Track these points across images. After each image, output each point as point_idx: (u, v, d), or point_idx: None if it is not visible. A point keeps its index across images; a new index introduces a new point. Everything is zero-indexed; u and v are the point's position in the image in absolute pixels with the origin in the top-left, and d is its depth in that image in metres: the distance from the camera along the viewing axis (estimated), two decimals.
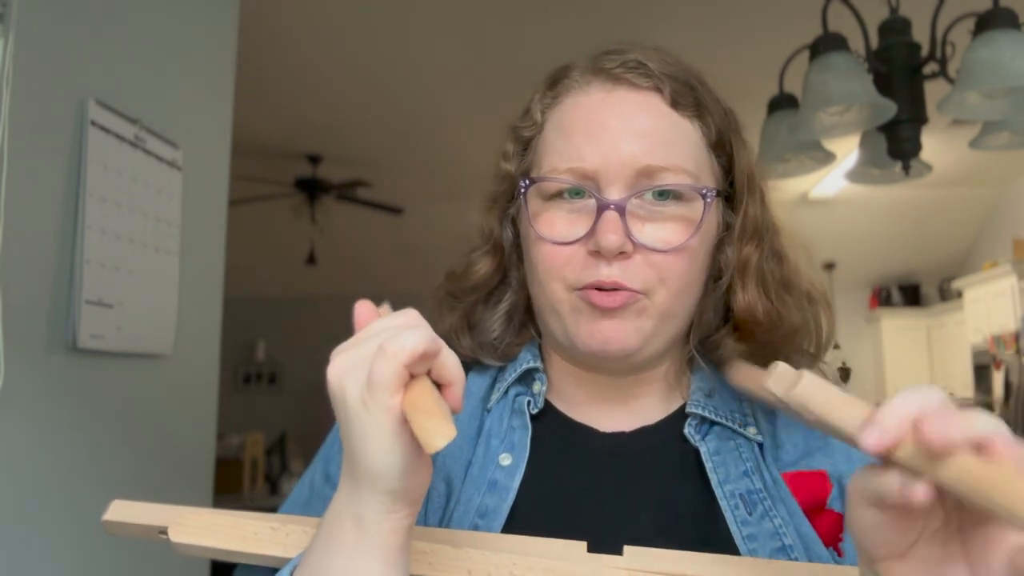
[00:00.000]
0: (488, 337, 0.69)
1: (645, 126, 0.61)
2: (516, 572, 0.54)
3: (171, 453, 1.77)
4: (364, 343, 0.46)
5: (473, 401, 0.68)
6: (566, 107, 0.65)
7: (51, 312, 1.40)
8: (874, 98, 1.65)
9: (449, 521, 0.61)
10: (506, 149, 0.70)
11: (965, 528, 0.40)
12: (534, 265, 0.63)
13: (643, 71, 0.63)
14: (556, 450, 0.64)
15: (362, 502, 0.46)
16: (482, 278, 0.70)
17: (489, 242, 0.71)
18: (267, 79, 3.44)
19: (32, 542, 1.36)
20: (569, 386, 0.68)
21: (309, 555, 0.49)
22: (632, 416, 0.66)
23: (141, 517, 0.61)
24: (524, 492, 0.61)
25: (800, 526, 0.59)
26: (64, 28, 1.45)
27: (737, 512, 0.59)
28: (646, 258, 0.60)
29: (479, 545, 0.56)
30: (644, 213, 0.60)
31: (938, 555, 0.41)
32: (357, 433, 0.45)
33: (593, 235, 0.59)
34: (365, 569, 0.46)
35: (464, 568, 0.54)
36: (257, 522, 0.59)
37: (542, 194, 0.63)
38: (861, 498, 0.41)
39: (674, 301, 0.61)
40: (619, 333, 0.60)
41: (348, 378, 0.45)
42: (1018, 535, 0.38)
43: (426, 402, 0.43)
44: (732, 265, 0.65)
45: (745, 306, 0.64)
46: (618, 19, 3.02)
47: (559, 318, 0.62)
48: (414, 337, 0.43)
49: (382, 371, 0.43)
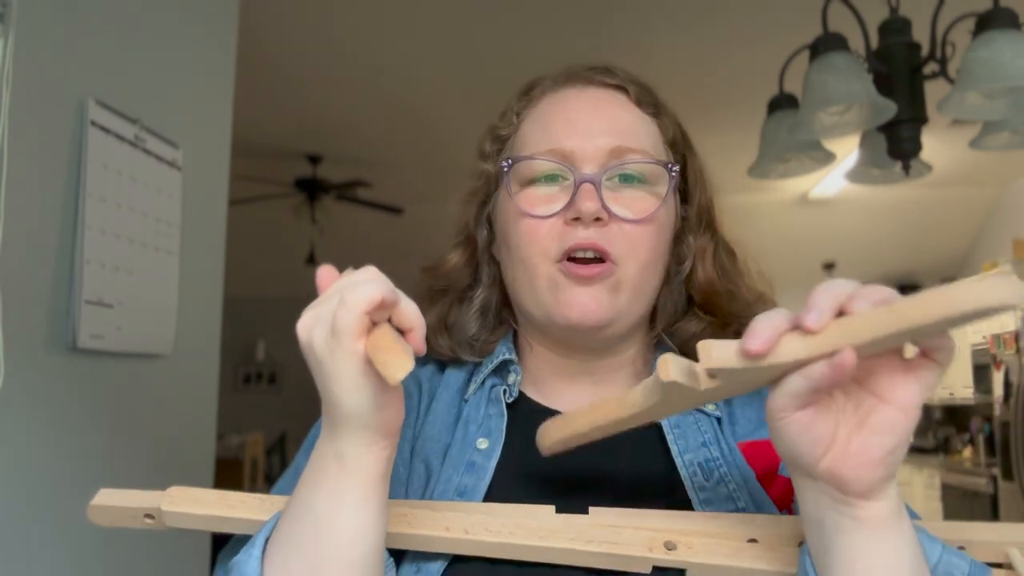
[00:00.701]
0: (465, 335, 0.74)
1: (614, 115, 0.70)
2: (490, 528, 0.58)
3: (171, 453, 1.77)
4: (328, 299, 0.50)
5: (451, 392, 0.73)
6: (542, 105, 0.73)
7: (51, 312, 1.40)
8: (874, 98, 1.65)
9: (430, 499, 0.65)
10: (484, 148, 0.76)
11: (863, 381, 0.47)
12: (516, 242, 0.68)
13: (610, 74, 0.72)
14: (530, 434, 0.67)
15: (341, 439, 0.51)
16: (453, 268, 0.76)
17: (462, 234, 0.77)
18: (267, 79, 3.44)
19: (32, 542, 1.36)
20: (543, 374, 0.73)
21: (294, 498, 0.54)
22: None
23: (127, 502, 0.63)
24: (500, 472, 0.66)
25: (753, 491, 0.64)
26: (64, 28, 1.45)
27: (695, 479, 0.64)
28: (619, 227, 0.66)
29: (455, 510, 0.60)
30: (616, 191, 0.67)
31: (858, 420, 0.47)
32: (328, 378, 0.49)
33: (572, 205, 0.65)
34: (348, 497, 0.51)
35: (441, 526, 0.58)
36: (243, 494, 0.62)
37: (521, 179, 0.69)
38: (786, 410, 0.47)
39: (643, 273, 0.67)
40: (595, 303, 0.65)
41: (315, 330, 0.49)
42: (905, 357, 0.46)
43: (386, 341, 0.47)
44: (692, 251, 0.72)
45: (705, 281, 0.71)
46: (618, 20, 3.02)
47: (537, 293, 0.68)
48: (372, 287, 0.47)
49: (344, 319, 0.47)
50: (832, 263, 6.37)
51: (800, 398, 0.46)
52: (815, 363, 0.45)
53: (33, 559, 1.36)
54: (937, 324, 0.43)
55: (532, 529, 0.58)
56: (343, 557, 0.51)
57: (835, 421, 0.47)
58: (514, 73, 2.91)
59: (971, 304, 0.42)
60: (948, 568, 0.53)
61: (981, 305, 0.42)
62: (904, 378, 0.46)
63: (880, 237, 5.93)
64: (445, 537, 0.58)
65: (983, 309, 0.42)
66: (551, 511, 0.60)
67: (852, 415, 0.47)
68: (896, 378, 0.46)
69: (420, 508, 0.60)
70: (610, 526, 0.59)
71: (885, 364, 0.47)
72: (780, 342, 0.45)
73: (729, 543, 0.58)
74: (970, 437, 5.61)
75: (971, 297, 0.42)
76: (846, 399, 0.48)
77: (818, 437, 0.47)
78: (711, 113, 3.85)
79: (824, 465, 0.47)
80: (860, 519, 0.48)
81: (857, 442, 0.47)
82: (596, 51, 3.25)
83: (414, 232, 5.21)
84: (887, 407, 0.46)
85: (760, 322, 0.45)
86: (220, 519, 0.60)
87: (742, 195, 5.12)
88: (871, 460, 0.46)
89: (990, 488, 4.72)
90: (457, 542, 0.58)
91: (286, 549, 0.53)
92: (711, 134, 4.21)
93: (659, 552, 0.57)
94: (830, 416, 0.47)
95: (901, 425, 0.46)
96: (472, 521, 0.59)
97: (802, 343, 0.45)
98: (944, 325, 0.43)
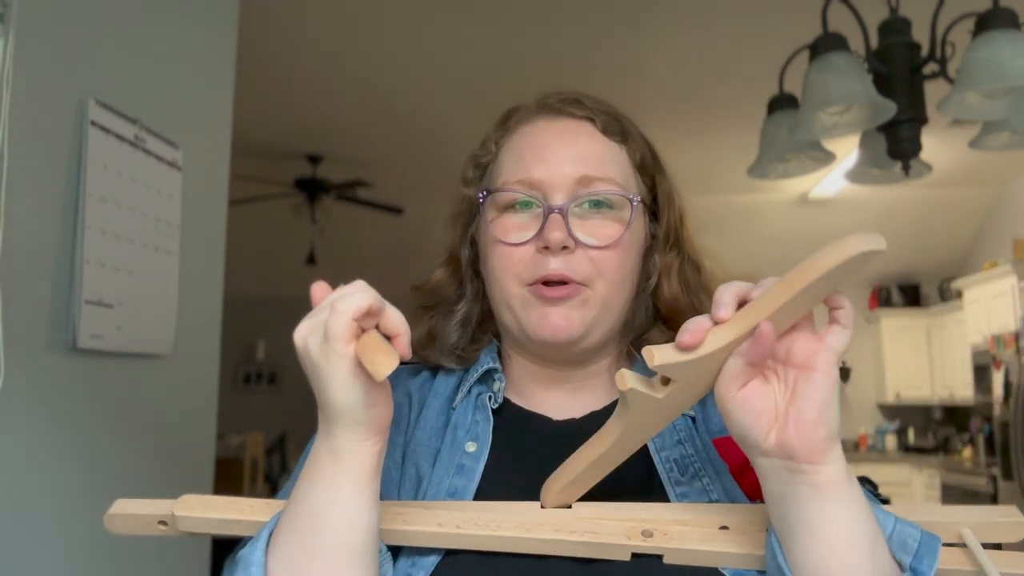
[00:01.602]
0: (447, 344, 0.79)
1: (582, 146, 0.75)
2: (479, 522, 0.62)
3: (171, 453, 1.77)
4: (322, 310, 0.55)
5: (441, 399, 0.78)
6: (517, 135, 0.78)
7: (51, 312, 1.40)
8: (874, 98, 1.65)
9: (423, 500, 0.70)
10: (466, 175, 0.82)
11: (786, 359, 0.55)
12: (492, 266, 0.74)
13: (579, 105, 0.77)
14: (515, 437, 0.74)
15: (335, 437, 0.56)
16: (437, 285, 0.82)
17: (447, 253, 0.83)
18: (267, 79, 3.44)
19: (32, 542, 1.36)
20: (525, 381, 0.78)
21: (295, 494, 0.59)
22: (582, 405, 0.76)
23: (142, 510, 0.67)
24: (488, 474, 0.70)
25: (726, 483, 0.69)
26: (64, 28, 1.45)
27: (671, 474, 0.70)
28: (586, 253, 0.71)
29: (446, 508, 0.65)
30: (583, 218, 0.72)
31: (789, 391, 0.55)
32: (322, 380, 0.55)
33: (541, 234, 0.70)
34: (343, 488, 0.56)
35: (434, 522, 0.63)
36: (252, 500, 0.67)
37: (497, 206, 0.75)
38: (729, 389, 0.55)
39: (612, 292, 0.72)
40: (565, 320, 0.71)
41: (310, 338, 0.55)
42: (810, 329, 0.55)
43: (372, 344, 0.52)
44: (658, 268, 0.78)
45: (670, 297, 0.77)
46: (617, 21, 3.02)
47: (512, 311, 0.73)
48: (360, 297, 0.53)
49: (334, 325, 0.53)
50: None
51: (738, 377, 0.55)
52: (742, 343, 0.53)
53: (33, 558, 1.36)
54: (820, 281, 0.51)
55: (519, 523, 0.63)
56: (339, 542, 0.56)
57: (772, 396, 0.55)
58: (513, 73, 2.93)
59: (839, 257, 0.50)
60: (902, 536, 0.58)
61: (846, 256, 0.50)
62: (816, 344, 0.54)
63: None
64: (438, 532, 0.62)
65: (849, 259, 0.50)
66: (536, 507, 0.65)
67: (785, 391, 0.55)
68: (810, 346, 0.54)
69: (414, 507, 0.65)
70: (592, 518, 0.64)
71: (799, 338, 0.55)
72: (707, 335, 0.54)
73: (702, 530, 0.63)
74: (970, 437, 5.62)
75: (838, 252, 0.50)
76: (777, 379, 0.56)
77: (760, 410, 0.55)
78: (711, 113, 3.85)
79: (772, 439, 0.54)
80: (814, 484, 0.54)
81: (793, 410, 0.54)
82: (597, 52, 3.25)
83: (414, 232, 5.20)
84: (808, 371, 0.54)
85: (689, 322, 0.55)
86: (230, 522, 0.65)
87: (742, 195, 5.12)
88: (809, 421, 0.53)
89: (990, 488, 4.73)
90: (449, 536, 0.62)
91: (287, 539, 0.57)
92: (711, 134, 4.22)
93: (637, 540, 0.62)
94: (768, 392, 0.55)
95: (823, 383, 0.53)
96: (463, 517, 0.63)
97: (725, 331, 0.54)
98: (827, 282, 0.51)
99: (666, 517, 0.64)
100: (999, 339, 4.79)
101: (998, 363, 4.77)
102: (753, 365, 0.54)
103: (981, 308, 5.18)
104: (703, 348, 0.53)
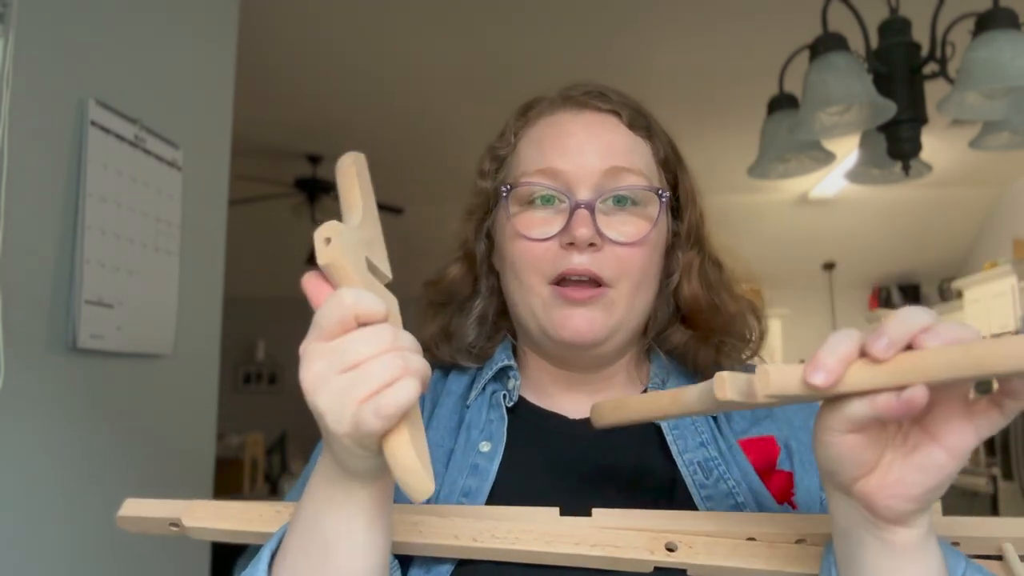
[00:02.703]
0: (464, 342, 0.77)
1: (607, 138, 0.72)
2: (497, 534, 0.60)
3: (171, 453, 1.77)
4: (347, 373, 0.45)
5: (453, 398, 0.75)
6: (538, 126, 0.75)
7: (51, 312, 1.40)
8: (874, 98, 1.65)
9: (435, 502, 0.67)
10: (483, 167, 0.78)
11: (919, 416, 0.45)
12: (512, 262, 0.71)
13: (604, 98, 0.74)
14: (531, 436, 0.71)
15: (349, 479, 0.50)
16: (452, 282, 0.79)
17: (462, 249, 0.79)
18: (267, 79, 3.43)
19: (32, 541, 1.36)
20: (541, 380, 0.76)
21: (301, 513, 0.53)
22: None
23: (154, 511, 0.66)
24: (503, 474, 0.68)
25: (752, 484, 0.66)
26: (64, 28, 1.45)
27: (696, 477, 0.67)
28: (613, 251, 0.68)
29: (462, 515, 0.63)
30: (608, 214, 0.69)
31: (904, 452, 0.46)
32: (336, 450, 0.48)
33: (567, 230, 0.68)
34: (357, 519, 0.51)
35: (451, 534, 0.60)
36: (264, 507, 0.65)
37: (519, 200, 0.72)
38: (839, 431, 0.45)
39: (636, 292, 0.70)
40: (588, 322, 0.68)
41: (330, 414, 0.45)
42: (962, 398, 0.45)
43: (406, 458, 0.44)
44: (680, 266, 0.75)
45: (690, 296, 0.74)
46: (619, 23, 3.02)
47: (533, 311, 0.70)
48: (407, 393, 0.43)
49: (370, 427, 0.44)
50: (832, 263, 6.37)
51: (858, 424, 0.45)
52: (882, 393, 0.43)
53: (33, 558, 1.36)
54: (1012, 373, 0.41)
55: (537, 534, 0.60)
56: (353, 570, 0.52)
57: (882, 450, 0.46)
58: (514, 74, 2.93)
59: None
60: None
61: None
62: (961, 423, 0.45)
63: (880, 237, 5.93)
64: (455, 545, 0.60)
65: None
66: (555, 513, 0.62)
67: (899, 445, 0.46)
68: (954, 421, 0.45)
69: (428, 515, 0.62)
70: (613, 528, 0.61)
71: (944, 403, 0.45)
72: (846, 370, 0.43)
73: (728, 541, 0.59)
74: None
75: None
76: (897, 431, 0.47)
77: (862, 461, 0.46)
78: (711, 113, 3.84)
79: (859, 487, 0.47)
80: (887, 542, 0.48)
81: (897, 473, 0.46)
82: (596, 52, 3.25)
83: (414, 232, 5.21)
84: (936, 447, 0.45)
85: (826, 352, 0.43)
86: (240, 533, 0.63)
87: (742, 195, 5.12)
88: (907, 495, 0.46)
89: (990, 488, 4.72)
90: (466, 549, 0.60)
91: (296, 562, 0.53)
92: (711, 134, 4.22)
93: (660, 554, 0.59)
94: (880, 444, 0.46)
95: (947, 468, 0.45)
96: (479, 528, 0.61)
97: (870, 373, 0.43)
98: (1020, 375, 0.41)
99: (691, 527, 0.61)
100: None
101: None
102: (880, 421, 0.45)
103: (981, 308, 5.18)
104: (836, 387, 0.44)
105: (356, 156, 0.57)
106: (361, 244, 0.52)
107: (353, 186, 0.55)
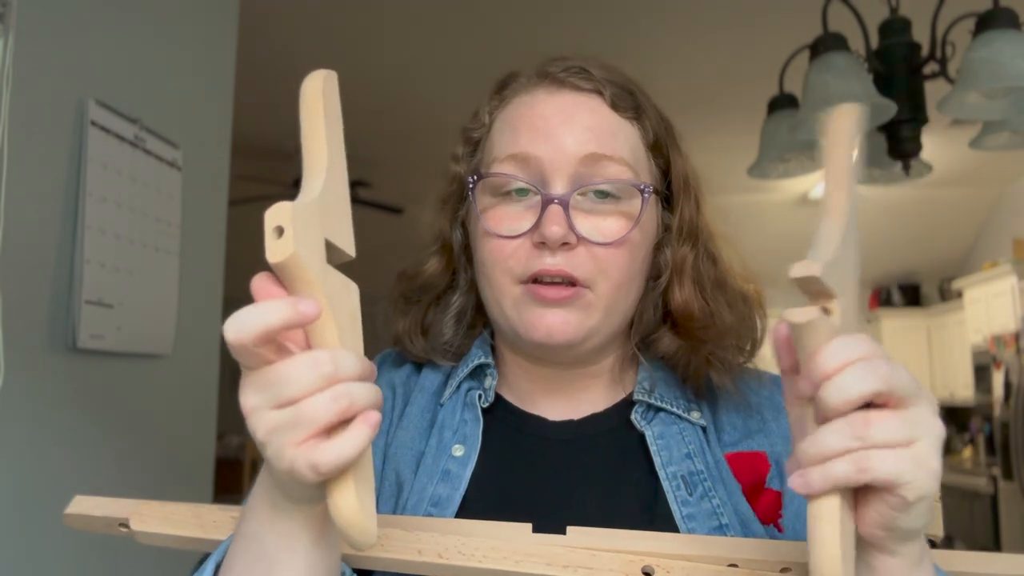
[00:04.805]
0: (440, 340, 0.72)
1: (587, 121, 0.65)
2: (464, 551, 0.57)
3: (171, 453, 1.77)
4: (283, 410, 0.41)
5: (426, 395, 0.70)
6: (512, 106, 0.68)
7: (51, 312, 1.40)
8: (874, 98, 1.65)
9: (402, 511, 0.63)
10: (456, 151, 0.73)
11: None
12: (482, 259, 0.66)
13: (585, 76, 0.67)
14: (507, 440, 0.67)
15: (287, 501, 0.47)
16: (431, 277, 0.73)
17: (439, 242, 0.74)
18: (267, 79, 3.43)
19: (32, 542, 1.36)
20: (519, 379, 0.70)
21: (245, 527, 0.50)
22: (580, 406, 0.69)
23: (102, 510, 0.62)
24: (476, 481, 0.64)
25: (738, 505, 0.62)
26: (64, 28, 1.45)
27: (678, 493, 0.62)
28: (588, 250, 0.62)
29: (429, 529, 0.59)
30: (587, 208, 0.63)
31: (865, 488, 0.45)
32: (276, 476, 0.45)
33: (538, 227, 0.62)
34: (300, 538, 0.47)
35: (415, 549, 0.57)
36: (216, 511, 0.61)
37: (490, 190, 0.66)
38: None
39: (616, 294, 0.64)
40: (563, 324, 0.62)
41: (269, 448, 0.42)
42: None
43: (348, 508, 0.41)
44: (669, 265, 0.68)
45: (682, 303, 0.67)
46: (618, 21, 3.02)
47: (504, 311, 0.65)
48: (351, 447, 0.40)
49: (307, 479, 0.40)
50: None
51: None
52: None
53: (33, 558, 1.36)
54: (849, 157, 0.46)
55: (507, 552, 0.57)
56: None
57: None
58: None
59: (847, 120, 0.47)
60: None
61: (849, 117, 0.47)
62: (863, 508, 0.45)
63: (880, 237, 5.92)
64: (418, 561, 0.57)
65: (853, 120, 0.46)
66: (528, 530, 0.59)
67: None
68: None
69: (392, 527, 0.58)
70: (587, 548, 0.57)
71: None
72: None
73: (708, 567, 0.56)
74: (970, 437, 5.62)
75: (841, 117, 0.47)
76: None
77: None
78: (711, 113, 3.84)
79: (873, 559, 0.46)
80: (872, 568, 0.46)
81: (863, 499, 0.44)
82: (596, 52, 3.24)
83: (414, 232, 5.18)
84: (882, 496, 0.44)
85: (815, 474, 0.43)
86: (189, 539, 0.60)
87: (742, 195, 5.12)
88: (873, 524, 0.45)
89: (990, 488, 4.72)
90: (430, 566, 0.57)
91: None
92: (711, 134, 4.22)
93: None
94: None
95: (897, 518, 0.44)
96: (446, 543, 0.57)
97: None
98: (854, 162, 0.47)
99: (670, 550, 0.58)
100: (999, 339, 4.79)
101: (998, 363, 4.77)
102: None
103: (981, 308, 5.18)
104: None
105: (327, 75, 0.46)
106: (321, 222, 0.43)
107: (319, 127, 0.44)
